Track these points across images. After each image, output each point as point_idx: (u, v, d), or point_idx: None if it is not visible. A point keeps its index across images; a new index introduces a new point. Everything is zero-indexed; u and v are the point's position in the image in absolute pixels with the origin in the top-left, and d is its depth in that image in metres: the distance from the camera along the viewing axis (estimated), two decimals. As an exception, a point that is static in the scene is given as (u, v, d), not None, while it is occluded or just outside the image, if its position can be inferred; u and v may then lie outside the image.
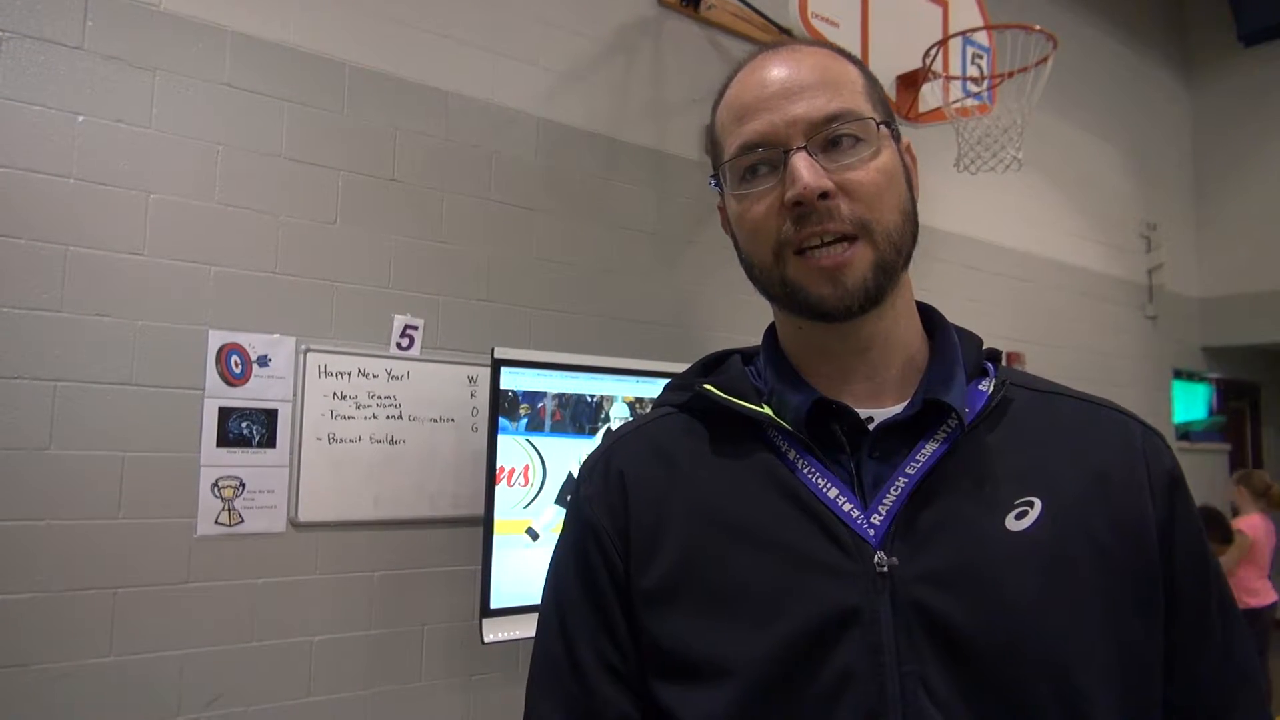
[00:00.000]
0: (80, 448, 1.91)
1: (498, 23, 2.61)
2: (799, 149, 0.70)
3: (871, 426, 0.72)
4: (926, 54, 2.64)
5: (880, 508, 0.69)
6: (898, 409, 0.73)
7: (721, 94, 0.79)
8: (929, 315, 0.81)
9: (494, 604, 2.19)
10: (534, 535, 2.30)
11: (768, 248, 0.72)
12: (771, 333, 0.82)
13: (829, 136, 0.71)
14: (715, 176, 0.78)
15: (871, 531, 0.68)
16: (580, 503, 0.79)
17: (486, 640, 2.17)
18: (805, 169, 0.69)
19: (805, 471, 0.72)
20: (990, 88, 2.84)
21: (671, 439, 0.79)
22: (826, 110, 0.71)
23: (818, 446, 0.72)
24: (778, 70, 0.74)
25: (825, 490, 0.70)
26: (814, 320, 0.73)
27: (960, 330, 0.80)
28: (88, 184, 1.95)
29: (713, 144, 0.79)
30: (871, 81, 0.77)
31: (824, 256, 0.70)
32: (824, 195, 0.69)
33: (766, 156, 0.72)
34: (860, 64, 0.78)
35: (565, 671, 0.74)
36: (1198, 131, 5.87)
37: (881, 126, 0.73)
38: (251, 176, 2.16)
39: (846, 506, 0.69)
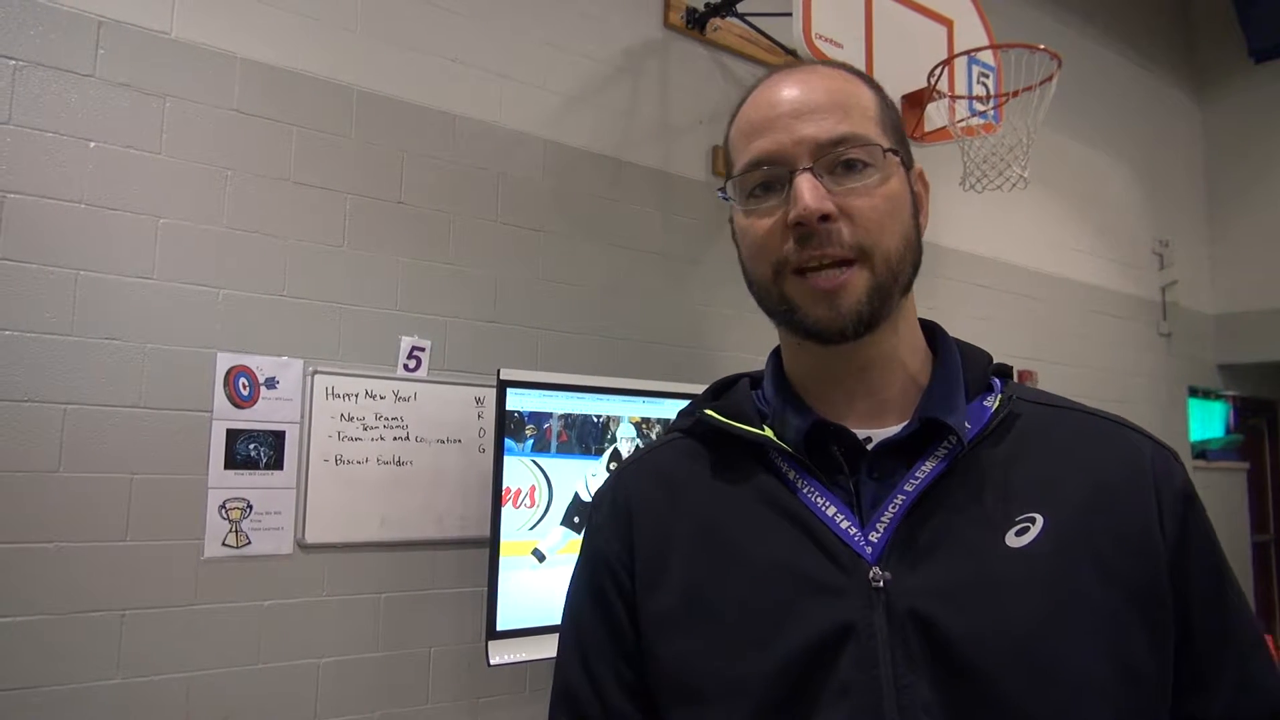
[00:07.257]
0: (89, 470, 1.92)
1: (505, 46, 2.64)
2: (804, 170, 0.71)
3: (870, 447, 0.73)
4: (931, 73, 2.65)
5: (878, 525, 0.69)
6: (897, 429, 0.74)
7: (737, 110, 0.80)
8: (933, 333, 0.82)
9: (500, 626, 2.18)
10: (540, 557, 2.29)
11: (768, 265, 0.73)
12: (777, 353, 0.84)
13: (835, 159, 0.72)
14: (724, 190, 0.79)
15: (869, 549, 0.68)
16: (592, 532, 0.82)
17: (492, 663, 2.16)
18: (808, 190, 0.70)
19: (805, 491, 0.72)
20: (996, 106, 2.83)
21: (676, 464, 0.81)
22: (834, 133, 0.72)
23: (817, 467, 0.73)
24: (789, 90, 0.75)
25: (824, 509, 0.71)
26: (810, 341, 0.74)
27: (965, 347, 0.81)
28: (98, 209, 1.97)
29: (726, 159, 0.82)
30: (886, 105, 0.77)
31: (821, 279, 0.71)
32: (825, 218, 0.69)
33: (772, 175, 0.73)
34: (877, 87, 0.78)
35: (586, 695, 0.76)
36: (1209, 147, 5.84)
37: (889, 154, 0.73)
38: (260, 200, 2.18)
39: (844, 524, 0.70)
